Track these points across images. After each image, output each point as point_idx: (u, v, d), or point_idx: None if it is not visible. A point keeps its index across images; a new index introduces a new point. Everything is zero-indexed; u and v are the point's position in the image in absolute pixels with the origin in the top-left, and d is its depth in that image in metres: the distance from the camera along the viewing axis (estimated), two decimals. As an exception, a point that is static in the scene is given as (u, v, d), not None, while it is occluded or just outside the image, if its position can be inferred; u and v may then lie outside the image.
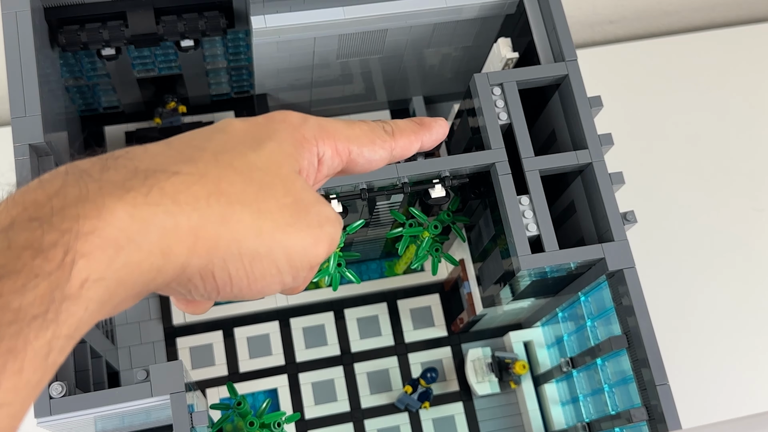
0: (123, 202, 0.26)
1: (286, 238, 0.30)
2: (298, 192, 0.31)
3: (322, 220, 0.32)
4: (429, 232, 0.81)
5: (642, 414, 0.68)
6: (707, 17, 1.27)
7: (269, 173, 0.31)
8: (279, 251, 0.30)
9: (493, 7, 0.81)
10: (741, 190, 1.10)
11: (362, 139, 0.36)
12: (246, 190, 0.29)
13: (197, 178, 0.28)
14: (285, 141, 0.32)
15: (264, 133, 0.32)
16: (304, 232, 0.31)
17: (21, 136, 0.67)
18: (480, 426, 0.92)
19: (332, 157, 0.35)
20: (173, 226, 0.27)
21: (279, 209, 0.30)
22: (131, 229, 0.26)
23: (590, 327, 0.78)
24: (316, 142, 0.34)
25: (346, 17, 0.79)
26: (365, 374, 0.93)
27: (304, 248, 0.31)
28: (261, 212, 0.29)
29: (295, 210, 0.31)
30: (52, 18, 0.77)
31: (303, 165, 0.33)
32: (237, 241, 0.29)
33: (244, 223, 0.29)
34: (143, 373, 0.66)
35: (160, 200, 0.27)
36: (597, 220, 0.73)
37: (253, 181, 0.30)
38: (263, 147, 0.31)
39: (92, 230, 0.25)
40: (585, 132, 0.72)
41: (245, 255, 0.29)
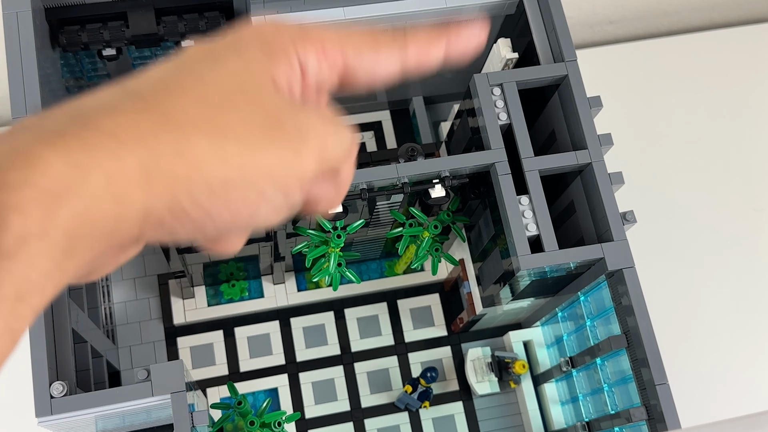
0: (56, 148, 0.24)
1: (258, 156, 0.26)
2: (269, 106, 0.27)
3: (302, 131, 0.28)
4: (429, 232, 0.81)
5: (641, 413, 0.68)
6: (707, 17, 1.27)
7: (230, 91, 0.27)
8: (253, 173, 0.26)
9: (493, 8, 0.81)
10: (741, 190, 1.10)
11: (360, 42, 0.31)
12: (203, 113, 0.26)
13: (143, 112, 0.25)
14: (253, 53, 0.29)
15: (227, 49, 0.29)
16: (278, 148, 0.27)
17: (22, 136, 0.67)
18: (480, 425, 0.92)
19: (319, 63, 0.30)
20: (119, 168, 0.24)
21: (245, 128, 0.27)
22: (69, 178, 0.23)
23: (590, 327, 0.78)
24: (295, 48, 0.29)
25: (346, 17, 0.79)
26: (365, 374, 0.93)
27: (283, 164, 0.27)
28: (223, 135, 0.26)
29: (266, 125, 0.27)
30: (52, 18, 0.77)
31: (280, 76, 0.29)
32: (199, 172, 0.25)
33: (203, 150, 0.26)
34: (144, 372, 0.66)
35: (99, 141, 0.24)
36: (596, 220, 0.73)
37: (210, 103, 0.27)
38: (223, 64, 0.28)
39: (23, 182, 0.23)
40: (585, 132, 0.72)
41: (214, 184, 0.26)
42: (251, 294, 0.95)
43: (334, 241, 0.77)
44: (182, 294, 0.93)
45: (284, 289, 0.95)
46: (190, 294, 0.93)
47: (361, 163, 0.78)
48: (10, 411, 0.91)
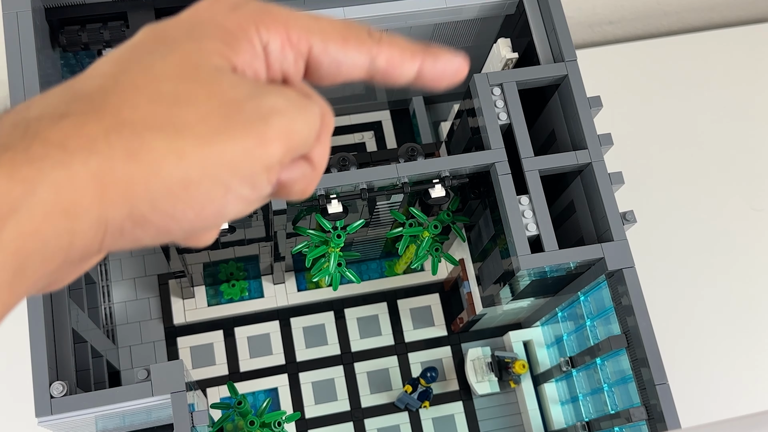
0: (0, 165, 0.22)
1: (218, 149, 0.25)
2: (226, 91, 0.25)
3: (264, 113, 0.26)
4: (429, 232, 0.81)
5: (641, 413, 0.68)
6: (706, 18, 1.27)
7: (184, 80, 0.25)
8: (214, 167, 0.25)
9: (493, 8, 0.81)
10: (740, 190, 1.10)
11: (329, 33, 0.28)
12: (155, 110, 0.24)
13: (91, 115, 0.24)
14: (207, 36, 0.27)
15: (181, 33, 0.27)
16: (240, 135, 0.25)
17: (22, 136, 0.67)
18: (480, 425, 0.92)
19: (282, 48, 0.28)
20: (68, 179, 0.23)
21: (201, 119, 0.25)
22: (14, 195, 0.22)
23: (590, 326, 0.78)
24: (257, 28, 0.27)
25: (346, 17, 0.79)
26: (365, 374, 0.93)
27: (246, 152, 0.25)
28: (178, 131, 0.24)
29: (224, 113, 0.25)
30: (53, 18, 0.77)
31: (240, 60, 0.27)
32: (156, 174, 0.24)
33: (158, 151, 0.24)
34: (144, 372, 0.66)
35: (45, 152, 0.23)
36: (596, 219, 0.73)
37: (163, 97, 0.25)
38: (175, 50, 0.26)
39: None
40: (584, 132, 0.72)
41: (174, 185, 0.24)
42: (251, 294, 0.95)
43: (334, 241, 0.77)
44: (182, 294, 0.93)
45: (284, 289, 0.95)
46: (190, 294, 0.93)
47: (361, 163, 0.78)
48: (10, 411, 0.91)
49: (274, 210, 0.70)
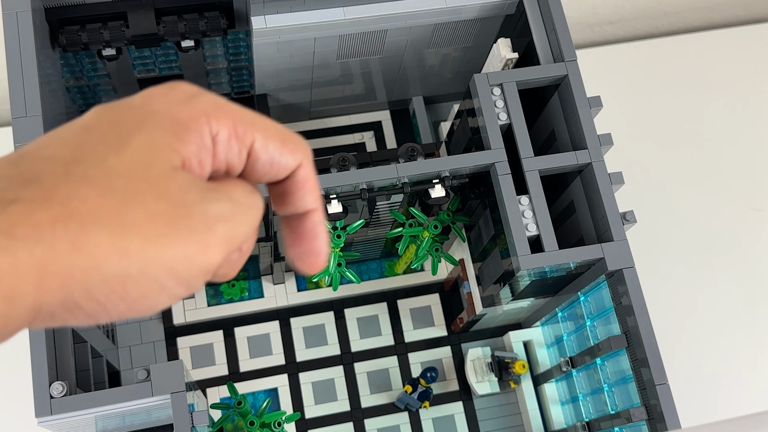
0: None
1: (161, 251, 0.25)
2: (175, 193, 0.26)
3: (209, 220, 0.27)
4: (429, 232, 0.81)
5: (641, 413, 0.68)
6: (706, 18, 1.27)
7: (134, 178, 0.26)
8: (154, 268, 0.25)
9: (493, 8, 0.81)
10: (740, 191, 1.10)
11: (270, 132, 0.30)
12: (104, 205, 0.25)
13: (40, 203, 0.24)
14: (160, 128, 0.27)
15: (133, 123, 0.27)
16: (184, 241, 0.26)
17: (22, 137, 0.68)
18: (480, 425, 0.92)
19: (229, 139, 0.29)
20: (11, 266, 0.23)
21: (149, 219, 0.25)
22: None
23: (590, 327, 0.78)
24: (208, 119, 0.28)
25: (346, 17, 0.79)
26: (365, 374, 0.93)
27: (186, 258, 0.26)
28: (124, 228, 0.25)
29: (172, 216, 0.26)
30: (52, 18, 0.77)
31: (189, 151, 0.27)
32: (97, 268, 0.24)
33: (102, 246, 0.24)
34: (144, 372, 0.66)
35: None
36: (596, 220, 0.73)
37: (113, 193, 0.25)
38: (128, 144, 0.26)
39: None
40: (584, 132, 0.72)
41: (112, 280, 0.25)
42: (251, 294, 0.95)
43: (334, 241, 0.77)
44: (182, 294, 0.93)
45: (284, 289, 0.95)
46: (190, 294, 0.93)
47: (361, 163, 0.78)
48: (10, 411, 0.91)
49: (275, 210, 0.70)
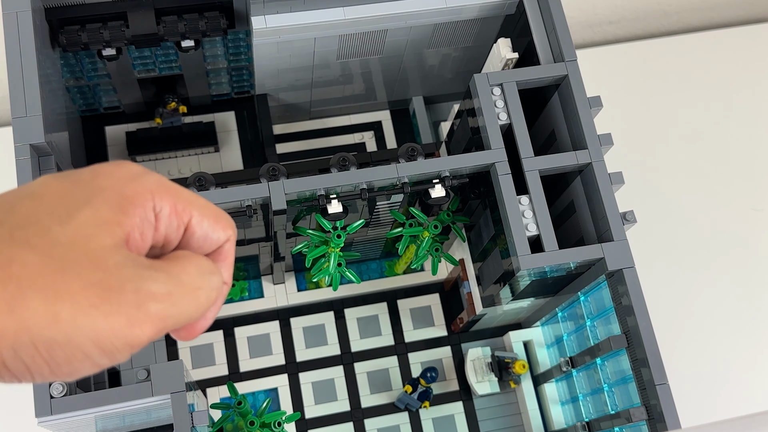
0: None
1: (89, 322, 0.26)
2: (112, 267, 0.27)
3: (141, 298, 0.27)
4: (429, 232, 0.81)
5: (641, 413, 0.68)
6: (707, 18, 1.27)
7: (74, 249, 0.27)
8: (81, 336, 0.26)
9: (493, 8, 0.81)
10: (741, 190, 1.10)
11: (206, 210, 0.32)
12: (42, 271, 0.26)
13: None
14: (105, 204, 0.29)
15: (81, 197, 0.28)
16: (113, 314, 0.27)
17: (22, 136, 0.68)
18: (480, 425, 0.92)
19: (170, 215, 0.31)
20: None
21: (83, 289, 0.26)
22: None
23: (590, 327, 0.78)
24: (152, 196, 0.30)
25: (346, 17, 0.79)
26: (365, 374, 0.93)
27: (113, 331, 0.27)
28: (58, 295, 0.26)
29: (105, 288, 0.27)
30: (52, 18, 0.77)
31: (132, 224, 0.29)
32: (27, 330, 0.25)
33: (34, 310, 0.26)
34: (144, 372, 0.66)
35: None
36: (597, 220, 0.73)
37: (52, 260, 0.26)
38: (74, 217, 0.28)
39: None
40: (585, 132, 0.72)
41: (39, 344, 0.26)
42: (251, 294, 0.95)
43: (334, 241, 0.77)
44: (182, 294, 0.93)
45: (284, 289, 0.95)
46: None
47: (361, 163, 0.78)
48: (10, 411, 0.91)
49: (274, 210, 0.70)
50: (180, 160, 0.99)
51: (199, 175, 0.74)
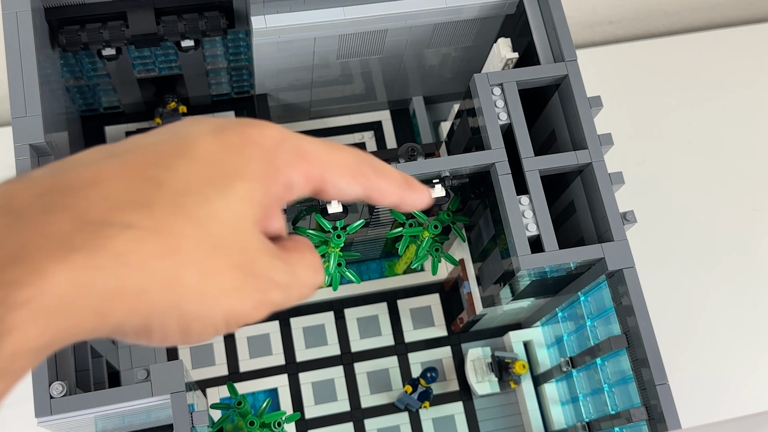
0: (65, 265, 0.24)
1: (229, 302, 0.28)
2: (253, 252, 0.29)
3: (270, 286, 0.29)
4: (429, 232, 0.81)
5: (642, 413, 0.68)
6: (707, 17, 1.27)
7: (228, 228, 0.28)
8: (218, 314, 0.28)
9: (493, 8, 0.81)
10: (741, 190, 1.10)
11: (342, 170, 0.32)
12: (199, 247, 0.27)
13: (151, 233, 0.26)
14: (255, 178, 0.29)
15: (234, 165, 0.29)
16: (247, 297, 0.28)
17: (22, 136, 0.67)
18: (480, 426, 0.92)
19: (303, 185, 0.31)
20: (115, 289, 0.25)
21: (229, 270, 0.28)
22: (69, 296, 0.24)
23: (590, 327, 0.78)
24: (290, 170, 0.30)
25: (346, 17, 0.79)
26: (365, 374, 0.93)
27: (243, 312, 0.29)
28: (208, 274, 0.27)
29: (246, 272, 0.28)
30: (52, 18, 0.77)
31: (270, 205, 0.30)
32: (178, 305, 0.27)
33: (188, 286, 0.27)
34: (144, 372, 0.66)
35: (106, 262, 0.24)
36: (597, 220, 0.73)
37: (208, 237, 0.27)
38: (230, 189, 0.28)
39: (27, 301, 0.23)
40: (585, 132, 0.72)
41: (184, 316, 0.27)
42: (251, 294, 0.95)
43: (334, 241, 0.77)
44: (182, 294, 0.93)
45: (284, 289, 0.95)
46: None
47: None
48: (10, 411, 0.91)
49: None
50: (180, 160, 0.99)
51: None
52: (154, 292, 0.26)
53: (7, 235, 0.24)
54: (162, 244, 0.26)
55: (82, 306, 0.24)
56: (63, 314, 0.24)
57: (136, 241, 0.25)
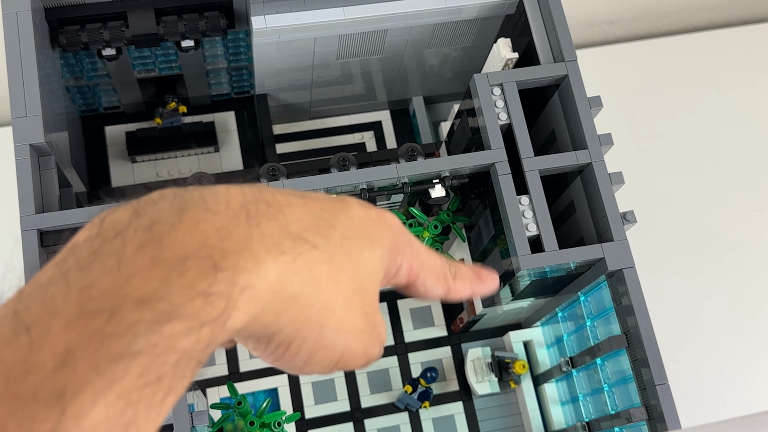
0: (277, 263, 0.27)
1: (352, 341, 0.32)
2: (376, 306, 0.33)
3: (376, 340, 0.34)
4: (429, 232, 0.81)
5: (641, 413, 0.68)
6: (707, 18, 1.27)
7: (369, 278, 0.32)
8: (340, 349, 0.31)
9: (493, 8, 0.81)
10: (741, 190, 1.10)
11: (434, 271, 0.37)
12: (350, 285, 0.31)
13: (327, 258, 0.30)
14: (386, 249, 0.33)
15: (375, 234, 0.33)
16: (363, 343, 0.33)
17: (22, 136, 0.68)
18: (480, 425, 0.92)
19: (405, 274, 0.35)
20: (297, 295, 0.28)
21: (361, 314, 0.32)
22: (273, 289, 0.27)
23: (590, 327, 0.78)
24: (403, 257, 0.35)
25: (346, 17, 0.79)
26: (365, 374, 0.93)
27: (354, 354, 0.32)
28: (348, 311, 0.31)
29: (369, 321, 0.32)
30: (52, 18, 0.77)
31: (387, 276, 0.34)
32: (322, 327, 0.30)
33: (335, 314, 0.30)
34: (144, 372, 0.66)
35: (301, 269, 0.28)
36: (596, 220, 0.73)
37: (357, 279, 0.31)
38: (375, 249, 0.33)
39: (251, 285, 0.26)
40: (585, 132, 0.72)
41: (318, 341, 0.30)
42: (251, 294, 0.95)
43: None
44: (182, 294, 0.93)
45: (284, 289, 0.95)
46: None
47: (361, 163, 0.78)
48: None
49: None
50: (180, 160, 0.99)
51: (199, 175, 0.74)
52: (315, 308, 0.29)
53: (237, 227, 0.27)
54: (332, 270, 0.30)
55: (275, 301, 0.28)
56: (262, 304, 0.27)
57: (318, 260, 0.29)
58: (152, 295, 0.24)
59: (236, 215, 0.27)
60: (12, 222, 0.68)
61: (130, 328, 0.23)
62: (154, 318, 0.24)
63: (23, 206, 0.66)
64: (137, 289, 0.24)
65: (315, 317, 0.29)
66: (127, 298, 0.24)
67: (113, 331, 0.23)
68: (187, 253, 0.25)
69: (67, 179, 0.75)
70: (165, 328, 0.24)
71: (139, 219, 0.26)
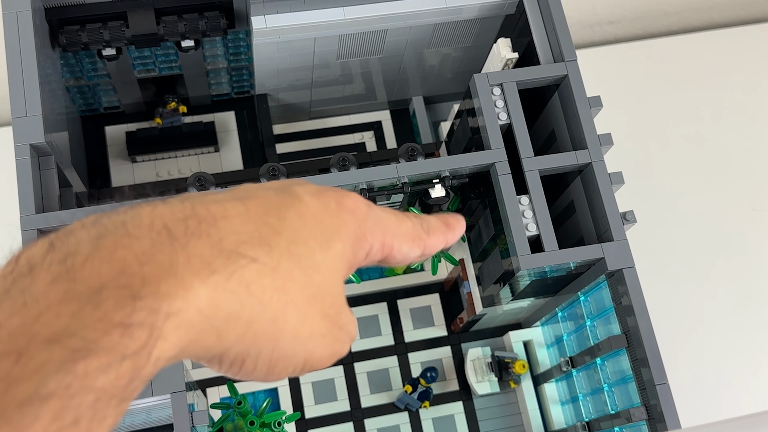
0: (206, 285, 0.26)
1: (314, 346, 0.31)
2: (340, 305, 0.32)
3: (345, 338, 0.32)
4: (429, 231, 0.81)
5: (641, 413, 0.68)
6: (706, 18, 1.27)
7: (326, 280, 0.31)
8: (302, 355, 0.30)
9: (493, 8, 0.81)
10: (741, 190, 1.10)
11: (406, 236, 0.36)
12: (303, 292, 0.29)
13: (270, 270, 0.28)
14: (348, 241, 0.32)
15: (332, 227, 0.32)
16: (329, 345, 0.31)
17: (22, 136, 0.68)
18: (480, 425, 0.92)
19: (378, 251, 0.34)
20: (237, 314, 0.27)
21: (321, 318, 0.30)
22: (205, 313, 0.26)
23: (590, 326, 0.78)
24: (372, 238, 0.34)
25: (346, 17, 0.79)
26: (365, 374, 0.93)
27: (320, 358, 0.31)
28: (305, 317, 0.30)
29: (333, 323, 0.31)
30: (52, 18, 0.77)
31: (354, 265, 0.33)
32: (275, 340, 0.29)
33: (288, 325, 0.29)
34: (144, 372, 0.66)
35: (236, 288, 0.27)
36: (596, 219, 0.73)
37: (311, 285, 0.30)
38: (331, 247, 0.31)
39: (176, 312, 0.25)
40: (585, 132, 0.72)
41: (275, 352, 0.29)
42: (251, 294, 0.95)
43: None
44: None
45: (284, 289, 0.95)
46: None
47: (361, 163, 0.78)
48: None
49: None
50: (180, 160, 0.99)
51: (199, 175, 0.74)
52: (262, 323, 0.28)
53: (160, 251, 0.25)
54: (277, 282, 0.28)
55: (208, 324, 0.26)
56: (195, 329, 0.26)
57: (259, 274, 0.28)
58: (63, 332, 0.22)
59: (159, 237, 0.26)
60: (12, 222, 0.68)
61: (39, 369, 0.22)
62: (65, 356, 0.22)
63: (23, 206, 0.66)
64: (47, 327, 0.22)
65: (264, 332, 0.28)
66: (35, 337, 0.22)
67: (20, 373, 0.21)
68: (102, 283, 0.24)
69: (67, 179, 0.75)
70: (78, 367, 0.22)
71: (54, 252, 0.24)
